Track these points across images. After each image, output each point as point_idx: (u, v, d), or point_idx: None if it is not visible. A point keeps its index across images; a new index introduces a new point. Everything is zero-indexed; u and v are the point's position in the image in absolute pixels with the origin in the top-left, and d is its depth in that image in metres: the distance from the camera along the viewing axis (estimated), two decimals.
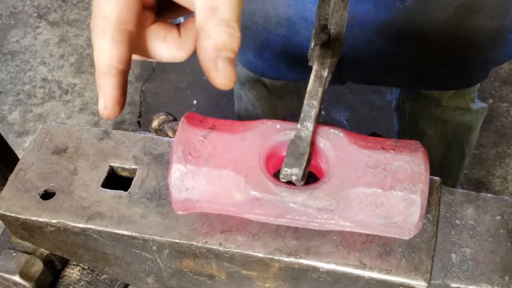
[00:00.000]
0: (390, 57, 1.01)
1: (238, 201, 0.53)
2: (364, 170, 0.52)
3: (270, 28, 1.00)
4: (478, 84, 1.22)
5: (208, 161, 0.53)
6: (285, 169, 0.50)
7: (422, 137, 1.38)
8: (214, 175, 0.52)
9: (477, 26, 0.96)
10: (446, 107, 1.29)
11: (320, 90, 0.52)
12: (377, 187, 0.51)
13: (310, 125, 0.52)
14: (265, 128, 0.55)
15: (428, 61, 1.03)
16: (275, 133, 0.54)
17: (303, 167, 0.50)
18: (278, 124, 0.55)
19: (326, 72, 0.52)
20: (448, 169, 1.43)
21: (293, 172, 0.50)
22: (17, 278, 0.68)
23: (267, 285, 0.60)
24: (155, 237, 0.57)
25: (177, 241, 0.57)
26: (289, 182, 0.52)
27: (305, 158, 0.51)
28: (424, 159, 0.52)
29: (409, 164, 0.52)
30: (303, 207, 0.52)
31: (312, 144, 0.53)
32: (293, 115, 1.23)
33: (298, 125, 0.52)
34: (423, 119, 1.36)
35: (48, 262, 0.71)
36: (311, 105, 0.52)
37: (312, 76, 0.52)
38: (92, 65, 2.29)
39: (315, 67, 0.52)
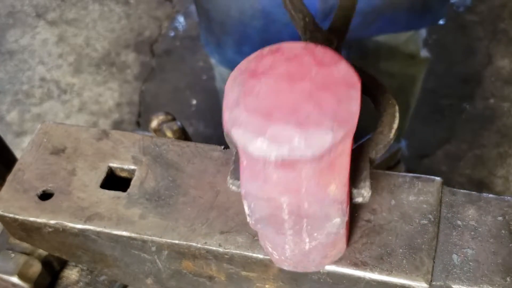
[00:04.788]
0: (361, 14, 1.07)
1: None
2: None
3: (246, 21, 1.01)
4: (425, 31, 1.35)
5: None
6: None
7: None
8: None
9: None
10: (394, 58, 1.36)
11: None
12: None
13: None
14: None
15: (395, 8, 1.12)
16: None
17: None
18: None
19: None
20: None
21: None
22: (15, 279, 0.67)
23: (267, 286, 0.59)
24: (154, 238, 0.57)
25: (176, 242, 0.57)
26: None
27: None
28: None
29: None
30: None
31: None
32: None
33: None
34: None
35: (46, 263, 0.71)
36: None
37: None
38: (90, 64, 2.28)
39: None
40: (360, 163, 0.49)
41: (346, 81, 0.40)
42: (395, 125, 0.50)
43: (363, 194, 0.48)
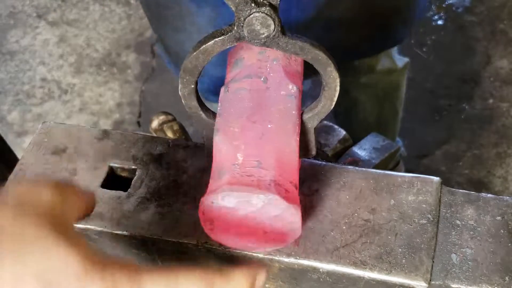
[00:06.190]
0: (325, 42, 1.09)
1: None
2: None
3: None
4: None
5: None
6: None
7: (355, 104, 1.46)
8: None
9: None
10: (374, 72, 1.37)
11: None
12: None
13: None
14: None
15: (357, 38, 1.13)
16: None
17: None
18: None
19: None
20: (385, 125, 1.54)
21: None
22: None
23: (266, 285, 0.59)
24: (154, 237, 0.57)
25: (177, 241, 0.57)
26: None
27: None
28: None
29: None
30: None
31: None
32: None
33: None
34: (353, 88, 1.43)
35: None
36: None
37: None
38: (91, 65, 2.29)
39: None
40: (306, 133, 0.56)
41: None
42: (335, 98, 0.54)
43: (312, 154, 0.58)
